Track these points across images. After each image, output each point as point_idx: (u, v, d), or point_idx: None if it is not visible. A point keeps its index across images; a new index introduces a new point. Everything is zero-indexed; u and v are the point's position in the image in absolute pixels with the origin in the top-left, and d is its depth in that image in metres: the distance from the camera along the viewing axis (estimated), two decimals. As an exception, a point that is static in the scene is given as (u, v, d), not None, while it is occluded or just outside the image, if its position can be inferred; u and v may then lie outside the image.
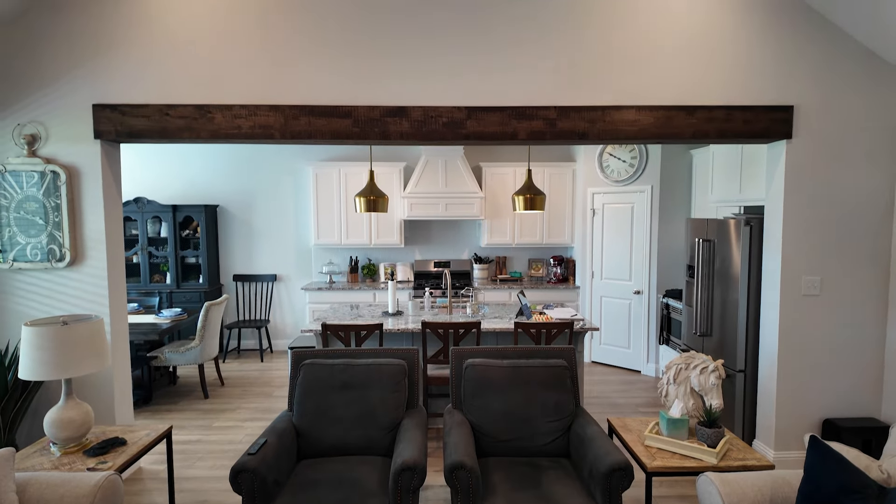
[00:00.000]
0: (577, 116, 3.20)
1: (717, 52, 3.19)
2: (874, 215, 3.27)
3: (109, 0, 3.06)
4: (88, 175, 3.11)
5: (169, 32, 3.09)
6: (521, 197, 4.23)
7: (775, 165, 3.32)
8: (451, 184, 5.96)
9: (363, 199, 4.30)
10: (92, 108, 3.08)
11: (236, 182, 6.33)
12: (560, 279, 6.19)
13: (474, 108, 3.19)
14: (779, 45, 3.19)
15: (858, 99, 3.22)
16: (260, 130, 3.13)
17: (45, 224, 3.09)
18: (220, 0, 3.09)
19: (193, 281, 6.10)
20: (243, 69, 3.12)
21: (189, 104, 3.11)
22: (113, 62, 3.08)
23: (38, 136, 3.08)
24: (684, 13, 3.17)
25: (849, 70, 3.21)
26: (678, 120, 3.20)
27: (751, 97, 3.22)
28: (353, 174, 6.04)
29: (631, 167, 5.39)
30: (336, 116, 3.16)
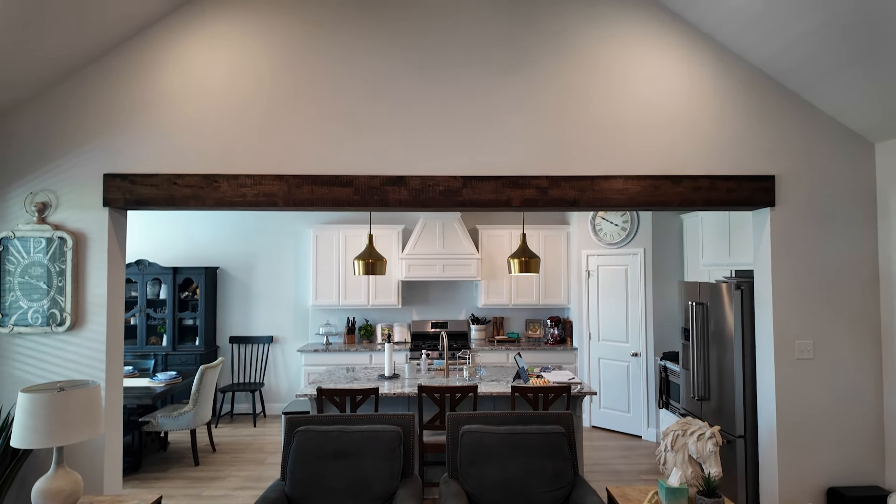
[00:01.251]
0: (567, 185, 3.34)
1: (699, 125, 3.38)
2: (860, 280, 3.35)
3: (122, 79, 3.26)
4: (95, 241, 3.20)
5: (179, 108, 3.27)
6: (516, 260, 4.32)
7: (761, 232, 3.44)
8: (449, 245, 6.07)
9: (362, 263, 4.38)
10: (103, 177, 3.21)
11: (238, 244, 6.44)
12: (557, 340, 6.19)
13: (470, 177, 3.34)
14: (758, 118, 3.38)
15: (836, 168, 3.38)
16: (264, 198, 3.25)
17: (48, 289, 3.15)
18: (229, 80, 3.30)
19: (190, 343, 6.07)
20: (250, 142, 3.28)
21: (196, 174, 3.24)
22: (124, 135, 3.24)
23: (48, 203, 3.19)
24: (667, 89, 3.38)
25: (824, 141, 3.38)
26: (665, 189, 3.34)
27: (734, 167, 3.37)
28: (353, 236, 6.16)
29: (623, 230, 5.52)
30: (338, 185, 3.29)
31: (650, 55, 3.39)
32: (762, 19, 2.99)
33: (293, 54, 3.33)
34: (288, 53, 3.33)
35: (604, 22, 3.39)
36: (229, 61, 3.30)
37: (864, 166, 3.39)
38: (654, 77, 3.38)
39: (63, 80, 3.23)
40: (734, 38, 3.27)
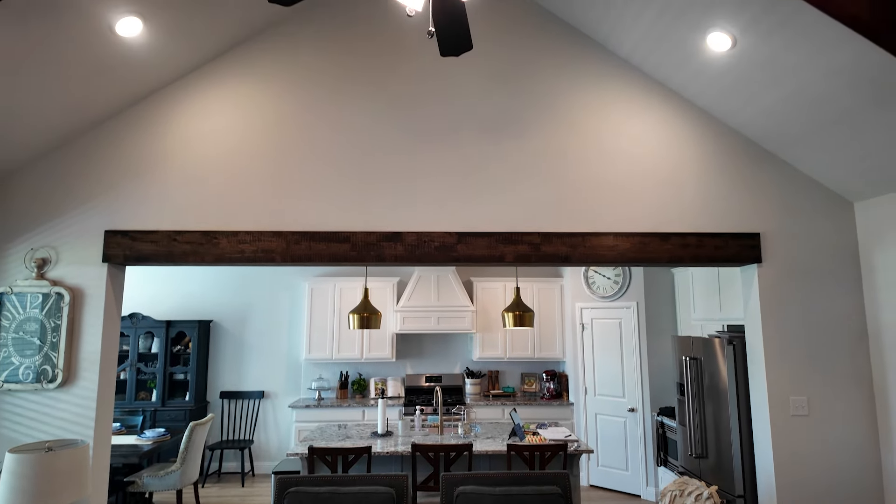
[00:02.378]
0: (559, 241, 3.43)
1: (685, 184, 3.51)
2: (850, 337, 3.40)
3: (125, 140, 3.38)
4: (92, 296, 3.22)
5: (180, 167, 3.38)
6: (510, 314, 4.35)
7: (749, 288, 3.50)
8: (444, 298, 6.10)
9: (357, 317, 4.40)
10: (104, 233, 3.27)
11: (232, 297, 6.44)
12: (553, 395, 6.12)
13: (464, 233, 3.42)
14: (740, 178, 3.52)
15: (818, 227, 3.49)
16: (262, 254, 3.31)
17: (41, 344, 3.14)
18: (230, 140, 3.43)
19: (180, 398, 5.96)
20: (250, 199, 3.37)
21: (196, 230, 3.31)
22: (126, 193, 3.33)
23: (48, 259, 3.23)
24: (653, 150, 3.53)
25: (805, 201, 3.51)
26: (654, 246, 3.43)
27: (720, 225, 3.48)
28: (349, 289, 6.19)
29: (616, 284, 5.59)
30: (335, 241, 3.36)
31: (636, 119, 3.56)
32: (737, 89, 3.17)
33: (293, 117, 3.47)
34: (288, 116, 3.47)
35: (590, 87, 3.58)
36: (230, 123, 3.44)
37: (845, 225, 3.50)
38: (640, 139, 3.54)
39: (67, 143, 3.35)
40: (714, 105, 3.45)
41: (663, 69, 3.43)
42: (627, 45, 3.44)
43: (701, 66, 3.18)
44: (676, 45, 3.16)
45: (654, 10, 3.01)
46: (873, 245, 3.37)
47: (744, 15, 2.68)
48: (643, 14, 3.10)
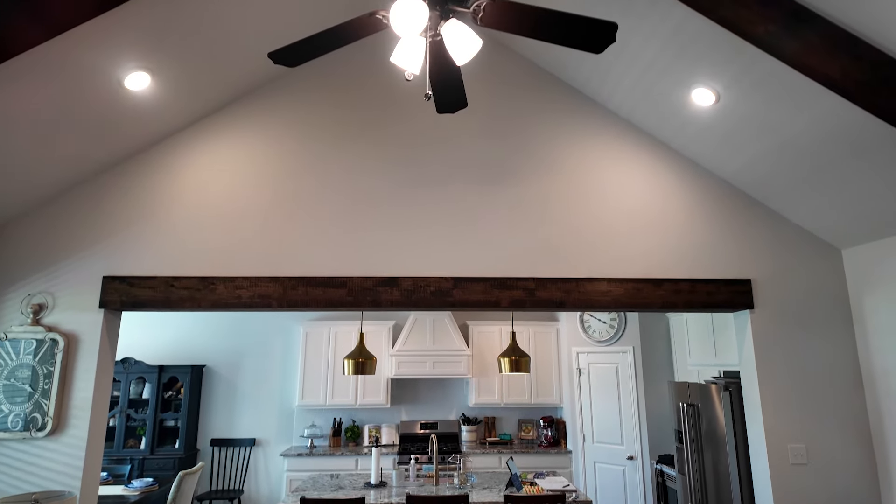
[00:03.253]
0: (553, 287, 3.46)
1: (676, 231, 3.58)
2: (845, 384, 3.40)
3: (126, 188, 3.45)
4: (87, 342, 3.21)
5: (179, 214, 3.44)
6: (506, 359, 4.34)
7: (743, 333, 3.53)
8: (439, 342, 6.07)
9: (352, 362, 4.37)
10: (102, 279, 3.29)
11: (226, 341, 6.39)
12: (551, 442, 6.01)
13: (460, 278, 3.46)
14: (729, 226, 3.60)
15: (808, 274, 3.55)
16: (259, 300, 3.33)
17: (32, 391, 3.10)
18: (228, 187, 3.50)
19: (169, 446, 5.82)
20: (248, 245, 3.41)
21: (194, 276, 3.34)
22: (124, 239, 3.37)
23: (45, 305, 3.24)
24: (643, 198, 3.62)
25: (794, 248, 3.59)
26: (647, 291, 3.47)
27: (712, 271, 3.54)
28: (344, 332, 6.16)
29: (611, 328, 5.60)
30: (332, 287, 3.39)
31: (626, 168, 3.67)
32: (723, 141, 3.30)
33: (292, 166, 3.56)
34: (287, 165, 3.56)
35: (581, 138, 3.70)
36: (229, 172, 3.53)
37: (834, 272, 3.56)
38: (631, 187, 3.64)
39: (68, 191, 3.41)
40: (701, 156, 3.57)
41: (651, 122, 3.57)
42: (615, 99, 3.59)
43: (687, 119, 3.31)
44: (662, 100, 3.30)
45: (639, 67, 3.16)
46: (862, 291, 3.42)
47: (725, 73, 2.82)
48: (629, 71, 3.25)
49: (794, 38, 2.34)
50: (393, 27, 1.54)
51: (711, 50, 2.75)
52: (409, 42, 1.67)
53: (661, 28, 2.82)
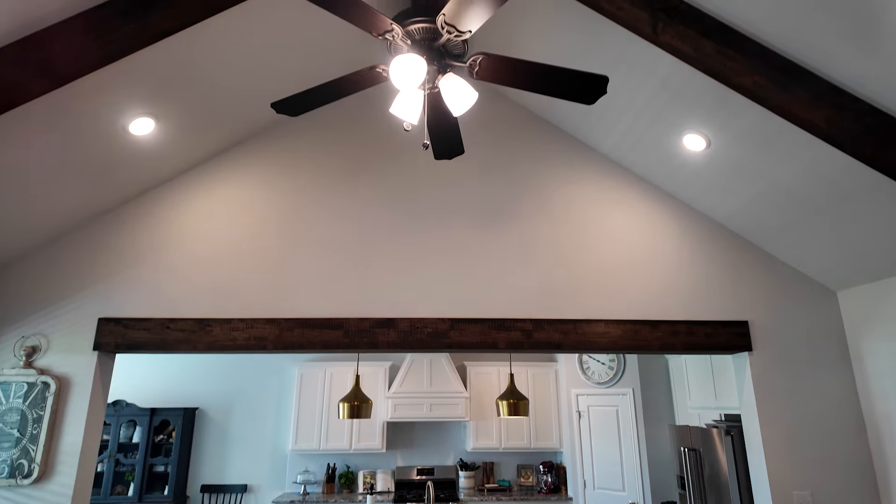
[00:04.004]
0: (551, 328, 3.45)
1: (671, 273, 3.60)
2: (847, 427, 3.35)
3: (124, 231, 3.46)
4: (79, 385, 3.16)
5: (177, 256, 3.45)
6: (504, 402, 4.28)
7: (742, 376, 3.50)
8: (437, 384, 5.99)
9: (347, 406, 4.30)
10: (97, 321, 3.27)
11: (220, 383, 6.30)
12: (551, 489, 5.85)
13: (457, 319, 3.45)
14: (724, 267, 3.63)
15: (804, 316, 3.55)
16: (254, 342, 3.30)
17: (21, 437, 3.03)
18: (225, 229, 3.53)
19: (158, 493, 5.65)
20: (244, 286, 3.41)
21: (190, 318, 3.32)
22: (121, 281, 3.37)
23: (38, 347, 3.21)
24: (638, 240, 3.66)
25: (790, 290, 3.60)
26: (644, 333, 3.46)
27: (709, 313, 3.54)
28: (339, 374, 6.08)
29: (610, 370, 5.54)
30: (328, 328, 3.37)
31: (620, 210, 3.72)
32: (714, 185, 3.36)
33: (289, 208, 3.60)
34: (284, 207, 3.60)
35: (575, 180, 3.77)
36: (226, 214, 3.55)
37: (830, 313, 3.57)
38: (625, 229, 3.68)
39: (66, 234, 3.42)
40: (694, 199, 3.63)
41: (644, 165, 3.65)
42: (608, 143, 3.67)
43: (679, 163, 3.39)
44: (654, 145, 3.38)
45: (631, 113, 3.25)
46: (859, 334, 3.42)
47: (715, 120, 2.90)
48: (621, 117, 3.34)
49: (780, 89, 2.42)
50: (392, 81, 1.59)
51: (701, 98, 2.84)
52: (408, 94, 1.73)
53: (651, 77, 2.92)
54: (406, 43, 1.65)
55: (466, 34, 1.57)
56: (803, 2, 2.12)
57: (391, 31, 1.58)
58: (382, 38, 1.60)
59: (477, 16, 1.47)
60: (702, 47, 2.46)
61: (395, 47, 1.69)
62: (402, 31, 1.60)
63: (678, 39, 2.49)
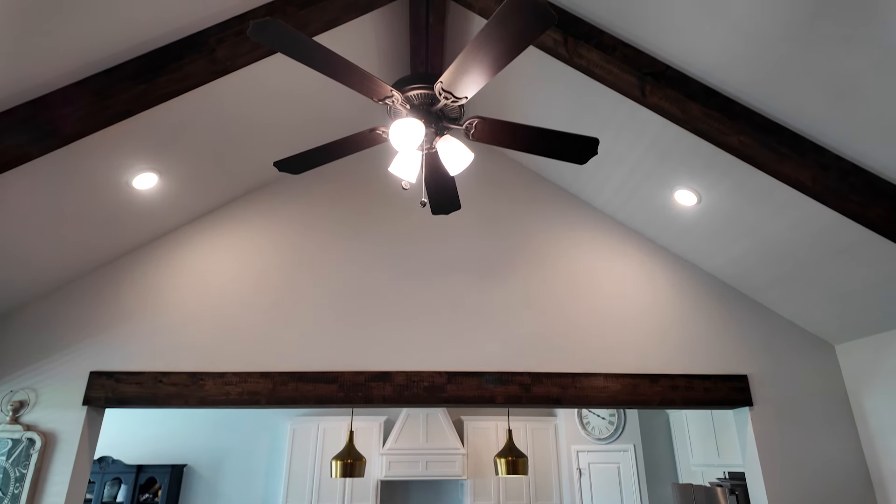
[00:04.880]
0: (549, 382, 3.41)
1: (668, 326, 3.60)
2: (854, 485, 3.27)
3: (119, 284, 3.44)
4: (65, 441, 3.08)
5: (172, 309, 3.43)
6: (502, 460, 4.16)
7: (744, 432, 3.43)
8: (433, 439, 5.84)
9: (339, 464, 4.18)
10: (89, 374, 3.22)
11: (209, 439, 6.12)
12: (551, 552, 5.60)
13: (454, 372, 3.41)
14: (722, 321, 3.63)
15: (803, 370, 3.53)
16: (248, 397, 3.24)
17: (2, 497, 2.92)
18: (220, 282, 3.53)
19: (139, 556, 5.37)
20: (238, 339, 3.38)
21: (183, 372, 3.27)
22: (113, 335, 3.32)
23: (26, 402, 3.14)
24: (634, 293, 3.67)
25: (787, 343, 3.59)
26: (644, 388, 3.42)
27: (707, 366, 3.51)
28: (333, 429, 5.93)
29: (611, 424, 5.43)
30: (323, 382, 3.32)
31: (615, 263, 3.75)
32: (707, 239, 3.42)
33: (285, 261, 3.62)
34: (280, 260, 3.62)
35: (571, 234, 3.82)
36: (223, 267, 3.57)
37: (829, 368, 3.55)
38: (621, 282, 3.70)
39: (60, 288, 3.40)
40: (688, 252, 3.68)
41: (637, 220, 3.71)
42: (601, 198, 3.75)
43: (672, 218, 3.45)
44: (646, 201, 3.45)
45: (623, 170, 3.35)
46: (860, 389, 3.39)
47: (705, 177, 2.99)
48: (614, 173, 3.43)
49: (766, 148, 2.51)
50: (391, 142, 1.65)
51: (690, 155, 2.93)
52: (407, 155, 1.79)
53: (642, 136, 3.02)
54: (405, 107, 1.72)
55: (463, 100, 1.65)
56: (783, 68, 2.24)
57: (391, 97, 1.66)
58: (382, 102, 1.68)
59: (473, 83, 1.54)
60: (688, 109, 2.57)
61: (394, 111, 1.76)
62: (401, 97, 1.67)
63: (666, 101, 2.60)
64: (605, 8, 2.48)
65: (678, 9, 2.27)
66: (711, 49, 2.35)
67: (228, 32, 2.52)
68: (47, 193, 2.73)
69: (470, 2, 2.81)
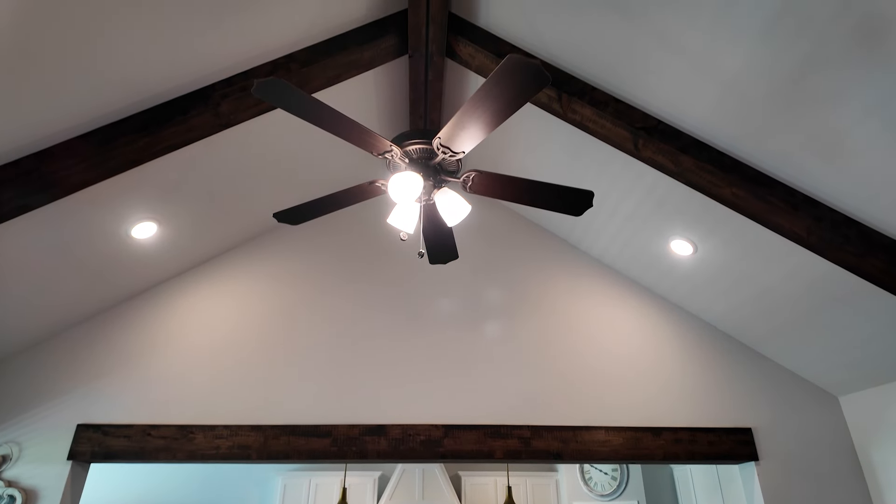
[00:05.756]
0: (549, 436, 3.32)
1: (669, 377, 3.54)
2: (869, 546, 3.14)
3: (109, 335, 3.38)
4: (47, 499, 2.95)
5: (161, 361, 3.34)
6: (501, 518, 3.99)
7: (751, 488, 3.32)
8: (429, 496, 5.62)
9: (333, 521, 4.00)
10: (76, 427, 3.13)
11: (197, 494, 5.88)
12: None
13: (451, 426, 3.32)
14: (723, 372, 3.57)
15: (809, 422, 3.45)
16: (238, 451, 3.14)
17: (-26, 560, 2.78)
18: (213, 334, 3.46)
19: None
20: (230, 392, 3.30)
21: (172, 424, 3.18)
22: (102, 386, 3.23)
23: (9, 456, 3.03)
24: (633, 343, 3.63)
25: (791, 395, 3.52)
26: (646, 441, 3.33)
27: (711, 419, 3.43)
28: (325, 484, 5.71)
29: (614, 480, 5.25)
30: (316, 436, 3.22)
31: (615, 312, 3.73)
32: (704, 288, 3.42)
33: (279, 310, 3.58)
34: (272, 308, 3.58)
35: (568, 283, 3.82)
36: (215, 318, 3.51)
37: (834, 420, 3.47)
38: (621, 331, 3.67)
39: (48, 339, 3.35)
40: (686, 301, 3.67)
41: (634, 269, 3.72)
42: (598, 247, 3.78)
43: (668, 267, 3.46)
44: (642, 250, 3.48)
45: (619, 219, 3.38)
46: (867, 442, 3.31)
47: (700, 227, 3.02)
48: (610, 223, 3.47)
49: (759, 200, 2.55)
50: (390, 195, 1.68)
51: (685, 206, 2.97)
52: (405, 207, 1.81)
53: (637, 187, 3.07)
54: (404, 161, 1.76)
55: (460, 154, 1.69)
56: (771, 124, 2.30)
57: (390, 151, 1.69)
58: (382, 156, 1.71)
59: (470, 139, 1.58)
60: (681, 162, 2.62)
61: (393, 164, 1.80)
62: (400, 152, 1.71)
63: (659, 154, 2.66)
64: (597, 66, 2.58)
65: (666, 67, 2.36)
66: (701, 105, 2.43)
67: (233, 88, 2.59)
68: (43, 243, 2.74)
69: (467, 60, 2.92)
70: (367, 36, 2.75)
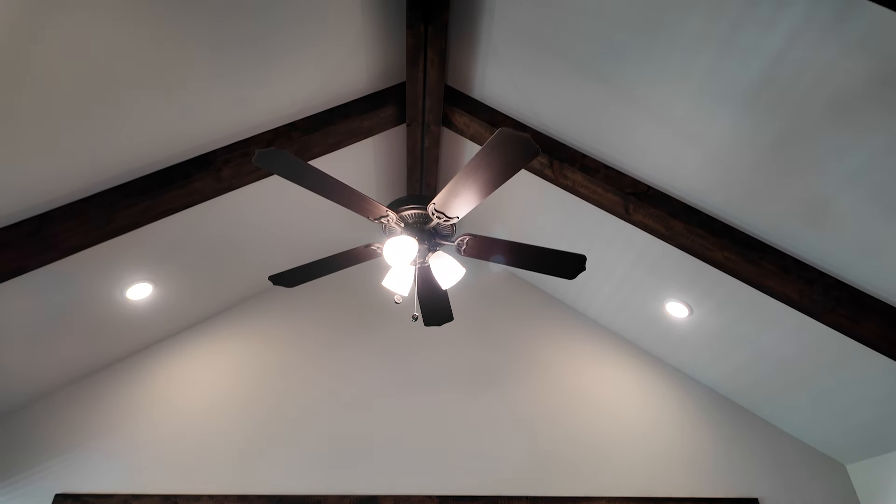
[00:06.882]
0: (549, 508, 3.18)
1: (670, 443, 3.43)
2: None
3: (84, 403, 3.29)
4: (13, 579, 2.77)
5: (145, 427, 3.23)
6: None
7: (763, 566, 3.15)
8: (423, 574, 5.28)
9: None
10: (54, 497, 2.99)
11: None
12: None
13: (446, 496, 3.18)
14: (723, 437, 3.47)
15: (816, 491, 3.32)
16: (222, 524, 2.99)
17: None
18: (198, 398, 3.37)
19: None
20: (215, 461, 3.18)
21: (156, 494, 3.05)
22: (83, 453, 3.12)
23: (-21, 530, 2.88)
24: (633, 407, 3.55)
25: (796, 463, 3.41)
26: (650, 513, 3.19)
27: (715, 489, 3.30)
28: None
29: (618, 555, 4.97)
30: (304, 508, 3.08)
31: (613, 375, 3.67)
32: (701, 351, 3.39)
33: (265, 378, 3.50)
34: (260, 378, 3.50)
35: (565, 345, 3.78)
36: (200, 385, 3.42)
37: (842, 490, 3.34)
38: (620, 395, 3.59)
39: (22, 407, 3.25)
40: (683, 363, 3.63)
41: (630, 331, 3.71)
42: (594, 309, 3.78)
43: (664, 330, 3.45)
44: (638, 311, 3.48)
45: (613, 281, 3.41)
46: (880, 514, 3.18)
47: (694, 289, 3.04)
48: (605, 285, 3.49)
49: (749, 263, 2.58)
50: (385, 258, 1.70)
51: (678, 269, 3.00)
52: (400, 270, 1.83)
53: (629, 250, 3.12)
54: (399, 226, 1.79)
55: (455, 219, 1.73)
56: (758, 192, 2.38)
57: (386, 216, 1.73)
58: (378, 221, 1.75)
59: (464, 205, 1.63)
60: (672, 226, 2.68)
61: (389, 229, 1.83)
62: (396, 217, 1.75)
63: (649, 219, 2.72)
64: (586, 135, 2.69)
65: (654, 136, 2.46)
66: (689, 172, 2.51)
67: (235, 154, 2.68)
68: (33, 306, 2.72)
69: (462, 129, 3.04)
70: (368, 106, 2.88)
